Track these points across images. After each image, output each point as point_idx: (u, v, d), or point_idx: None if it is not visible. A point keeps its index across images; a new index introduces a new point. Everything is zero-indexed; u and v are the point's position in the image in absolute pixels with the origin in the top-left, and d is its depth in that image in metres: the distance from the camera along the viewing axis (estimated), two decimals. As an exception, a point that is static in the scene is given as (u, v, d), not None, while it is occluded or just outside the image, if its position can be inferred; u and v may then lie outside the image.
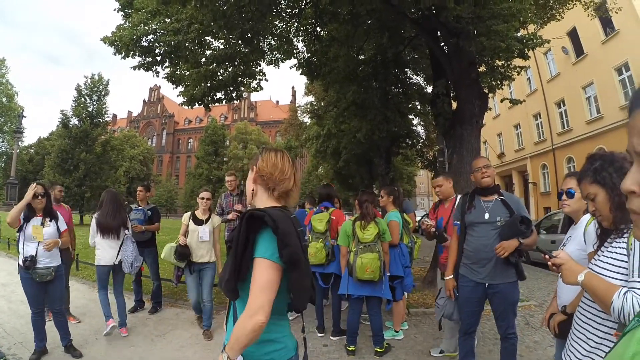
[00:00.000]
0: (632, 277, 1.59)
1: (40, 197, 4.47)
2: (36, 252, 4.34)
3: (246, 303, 1.57)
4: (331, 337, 5.40)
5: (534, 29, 9.58)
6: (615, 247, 1.78)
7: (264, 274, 1.58)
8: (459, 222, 3.86)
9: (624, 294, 1.56)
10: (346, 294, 4.76)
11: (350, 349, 4.82)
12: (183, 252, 5.30)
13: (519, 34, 7.96)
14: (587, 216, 2.41)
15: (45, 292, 4.48)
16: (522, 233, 3.34)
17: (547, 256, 1.99)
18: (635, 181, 0.69)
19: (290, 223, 1.67)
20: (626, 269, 1.68)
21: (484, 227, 3.61)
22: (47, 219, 4.56)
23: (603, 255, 1.85)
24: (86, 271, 9.08)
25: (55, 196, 5.90)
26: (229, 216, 6.44)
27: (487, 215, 3.60)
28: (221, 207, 6.73)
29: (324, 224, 5.51)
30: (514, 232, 3.37)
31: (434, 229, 4.67)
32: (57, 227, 4.64)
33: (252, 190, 1.87)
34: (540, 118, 25.91)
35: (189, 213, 5.68)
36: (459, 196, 4.38)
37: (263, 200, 1.84)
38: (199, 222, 5.51)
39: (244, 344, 1.55)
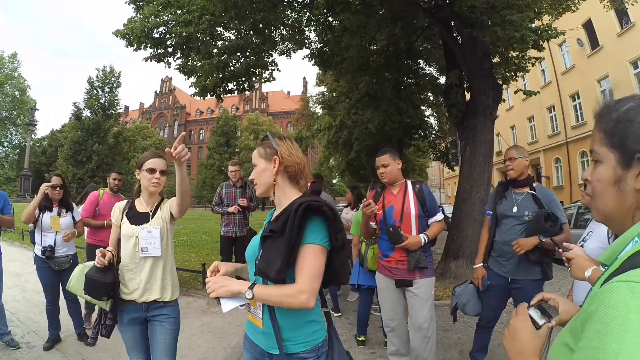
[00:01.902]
0: None
1: (58, 189, 4.56)
2: (54, 242, 4.45)
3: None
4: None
5: (549, 20, 9.42)
6: None
7: (317, 260, 1.68)
8: (491, 212, 3.75)
9: None
10: (356, 285, 4.77)
11: (360, 339, 4.85)
12: (97, 281, 2.52)
13: (533, 25, 7.84)
14: None
15: (60, 280, 4.53)
16: (545, 230, 3.24)
17: (560, 249, 1.96)
18: (589, 172, 0.96)
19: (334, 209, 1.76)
20: None
21: (511, 221, 3.55)
22: (63, 210, 4.66)
23: None
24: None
25: (110, 185, 5.58)
26: (231, 209, 6.27)
27: (515, 209, 3.52)
28: (220, 197, 6.56)
29: None
30: (537, 229, 3.30)
31: (378, 211, 3.48)
32: (73, 217, 4.75)
33: (274, 182, 1.87)
34: (554, 111, 25.55)
35: (123, 203, 2.90)
36: (409, 182, 3.66)
37: (287, 191, 1.87)
38: (140, 217, 2.74)
39: (271, 302, 1.68)
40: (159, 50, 9.50)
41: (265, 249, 1.73)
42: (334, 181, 52.75)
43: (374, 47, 12.19)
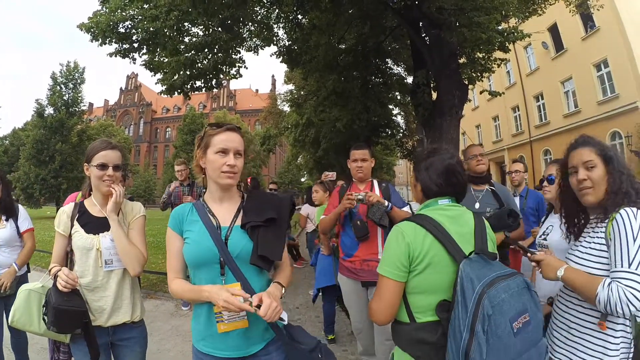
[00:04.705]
0: (615, 267, 1.59)
1: None
2: None
3: (254, 274, 1.76)
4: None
5: (516, 23, 9.64)
6: (594, 237, 1.77)
7: None
8: None
9: (608, 285, 1.55)
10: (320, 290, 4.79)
11: (329, 337, 4.85)
12: (70, 311, 2.04)
13: (500, 27, 8.00)
14: None
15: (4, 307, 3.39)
16: (509, 226, 3.26)
17: (528, 254, 1.91)
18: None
19: None
20: (606, 258, 1.67)
21: None
22: (4, 218, 3.40)
23: (581, 246, 1.83)
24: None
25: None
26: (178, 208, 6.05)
27: (477, 205, 3.49)
28: (168, 195, 6.48)
29: None
30: (501, 225, 3.31)
31: (359, 199, 3.17)
32: (17, 226, 3.45)
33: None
34: (518, 111, 26.28)
35: (70, 207, 2.35)
36: (375, 180, 3.62)
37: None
38: (97, 224, 2.28)
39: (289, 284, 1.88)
40: (125, 46, 9.25)
41: (260, 238, 1.72)
42: (302, 179, 52.61)
43: (343, 46, 12.21)
